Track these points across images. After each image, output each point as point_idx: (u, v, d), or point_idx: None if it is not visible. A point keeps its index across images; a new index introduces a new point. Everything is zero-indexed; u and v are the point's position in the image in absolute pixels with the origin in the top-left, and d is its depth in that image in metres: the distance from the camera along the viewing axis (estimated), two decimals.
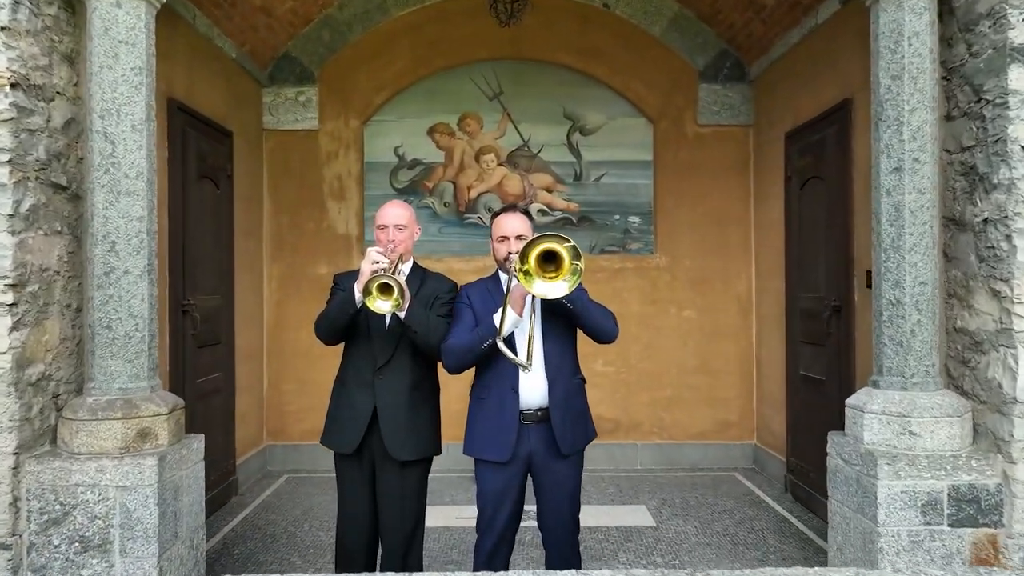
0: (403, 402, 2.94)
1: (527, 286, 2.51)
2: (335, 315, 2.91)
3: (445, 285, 3.06)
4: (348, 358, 3.05)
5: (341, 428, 2.98)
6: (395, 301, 2.65)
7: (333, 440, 3.02)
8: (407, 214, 3.03)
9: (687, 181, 6.03)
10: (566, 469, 2.75)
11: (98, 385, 3.23)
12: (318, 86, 6.00)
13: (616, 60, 6.02)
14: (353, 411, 2.96)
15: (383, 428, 2.91)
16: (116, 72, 3.22)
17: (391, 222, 2.97)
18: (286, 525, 4.63)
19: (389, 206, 3.04)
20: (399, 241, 2.96)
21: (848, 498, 3.33)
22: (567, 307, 2.65)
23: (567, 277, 2.53)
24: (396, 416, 2.92)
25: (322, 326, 2.97)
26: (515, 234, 2.77)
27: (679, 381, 6.03)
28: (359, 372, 2.98)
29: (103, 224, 3.23)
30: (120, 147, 3.23)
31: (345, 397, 3.01)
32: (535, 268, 2.53)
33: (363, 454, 2.99)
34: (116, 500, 3.08)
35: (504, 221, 2.82)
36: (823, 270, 4.68)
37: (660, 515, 4.80)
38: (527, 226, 2.82)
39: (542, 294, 2.52)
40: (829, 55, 4.61)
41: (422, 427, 2.98)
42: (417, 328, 2.81)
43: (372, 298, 2.65)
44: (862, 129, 4.24)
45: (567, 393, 2.75)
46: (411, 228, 3.04)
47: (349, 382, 3.01)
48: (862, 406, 3.30)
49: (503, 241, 2.81)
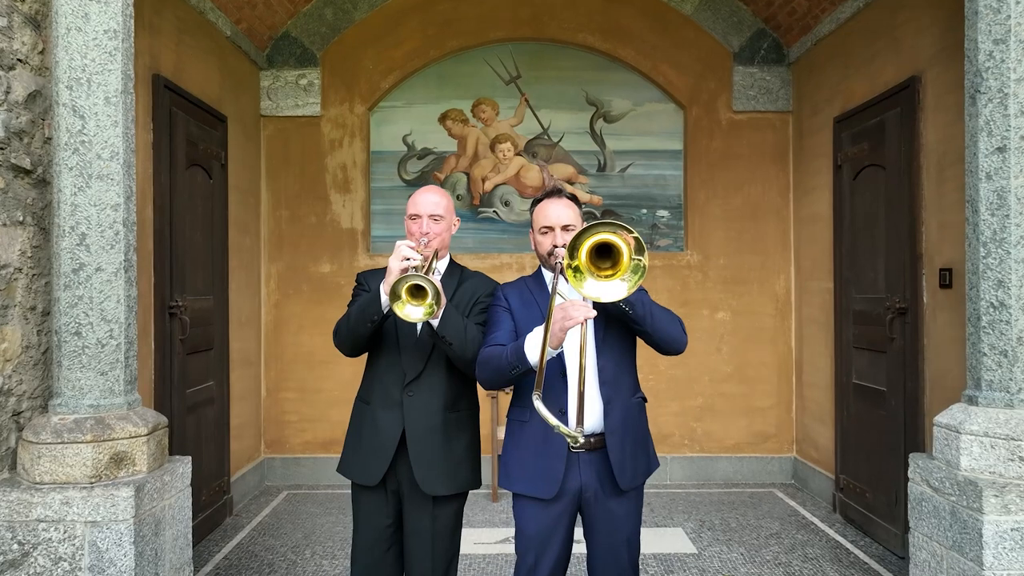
0: (436, 425, 2.46)
1: (576, 286, 2.02)
2: (356, 321, 2.40)
3: (486, 287, 2.58)
4: (372, 372, 2.56)
5: (363, 455, 2.49)
6: (428, 307, 2.16)
7: (353, 469, 2.53)
8: (445, 202, 2.53)
9: (720, 172, 5.56)
10: (624, 507, 2.28)
11: (65, 402, 2.76)
12: (320, 69, 5.53)
13: (644, 41, 5.55)
14: (377, 435, 2.47)
15: (413, 456, 2.43)
16: (86, 35, 2.75)
17: (426, 211, 2.48)
18: (285, 552, 4.16)
19: (424, 192, 2.54)
20: (435, 234, 2.47)
21: (939, 533, 2.85)
22: (625, 312, 2.18)
23: (626, 276, 2.03)
24: (428, 442, 2.44)
25: (342, 334, 2.47)
26: (561, 224, 2.30)
27: (712, 389, 5.57)
28: (385, 389, 2.49)
29: (71, 213, 2.76)
30: (91, 123, 2.76)
31: (368, 419, 2.51)
32: (586, 264, 2.03)
33: (387, 486, 2.50)
34: (85, 538, 2.61)
35: (547, 208, 2.34)
36: (883, 268, 4.21)
37: (700, 540, 4.33)
38: (575, 214, 2.34)
39: (595, 296, 2.03)
40: (891, 29, 4.14)
41: (459, 456, 2.49)
42: (452, 339, 2.33)
43: (401, 303, 2.16)
44: (933, 109, 3.77)
45: (626, 415, 2.28)
46: (449, 219, 2.54)
47: (374, 401, 2.51)
48: (958, 426, 2.83)
49: (547, 232, 2.33)
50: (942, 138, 3.70)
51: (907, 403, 3.95)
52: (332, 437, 5.46)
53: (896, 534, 4.03)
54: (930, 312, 3.81)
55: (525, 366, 2.14)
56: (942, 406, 3.67)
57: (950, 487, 2.81)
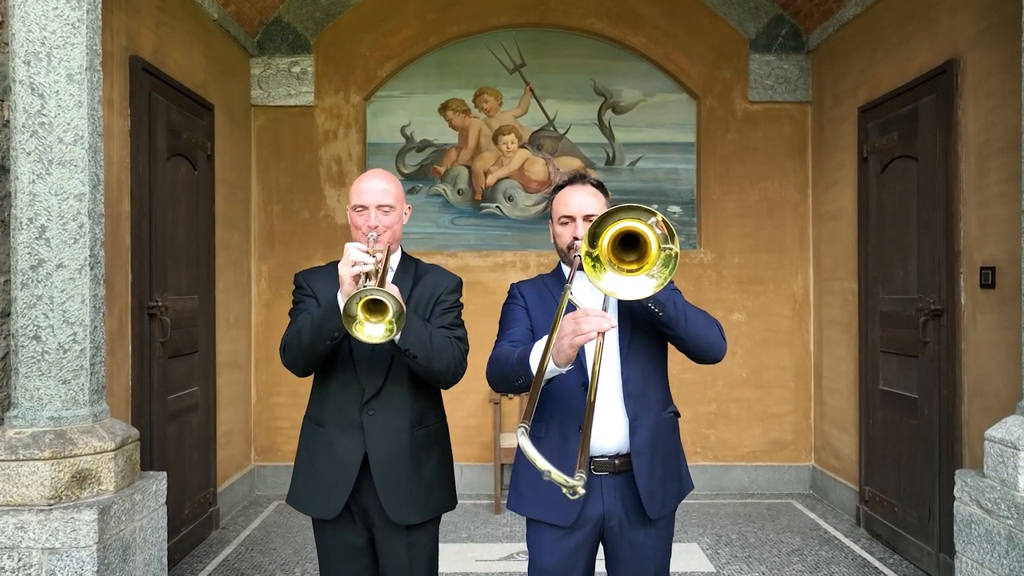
0: (404, 447, 2.13)
1: (595, 278, 1.71)
2: (312, 340, 2.03)
3: (445, 281, 2.24)
4: (324, 389, 2.19)
5: (319, 486, 2.15)
6: (389, 324, 1.83)
7: (306, 502, 2.18)
8: (394, 189, 2.18)
9: (735, 166, 5.27)
10: (653, 538, 1.99)
11: (22, 413, 2.48)
12: (314, 56, 5.24)
13: (655, 27, 5.26)
14: (335, 462, 2.13)
15: (379, 483, 2.10)
16: (46, 3, 2.47)
17: (373, 201, 2.13)
18: (274, 570, 3.87)
19: (368, 178, 2.17)
20: (384, 227, 2.13)
21: (993, 560, 2.58)
22: (655, 314, 1.89)
23: (654, 270, 1.70)
24: (395, 466, 2.12)
25: (292, 353, 2.10)
26: (584, 213, 2.00)
27: (726, 394, 5.28)
28: (341, 409, 2.14)
29: (29, 203, 2.48)
30: (51, 102, 2.48)
31: (322, 443, 2.16)
32: (608, 255, 1.72)
33: (353, 518, 2.17)
34: (42, 567, 2.34)
35: (569, 196, 2.04)
36: (915, 267, 3.93)
37: (718, 557, 4.05)
38: (600, 203, 2.04)
39: (614, 292, 1.73)
40: (925, 9, 3.85)
41: (430, 478, 2.18)
42: (416, 351, 2.00)
43: (359, 323, 1.82)
44: (974, 95, 3.49)
45: (655, 433, 1.99)
46: (399, 208, 2.19)
47: (328, 422, 2.17)
48: (1015, 441, 2.55)
49: (567, 223, 2.03)
50: (984, 126, 3.42)
51: (942, 412, 3.67)
52: None
53: (929, 552, 3.75)
54: (969, 314, 3.53)
55: (530, 379, 1.82)
56: (983, 416, 3.40)
57: (1006, 509, 2.53)
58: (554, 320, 1.74)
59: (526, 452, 1.44)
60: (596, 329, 1.65)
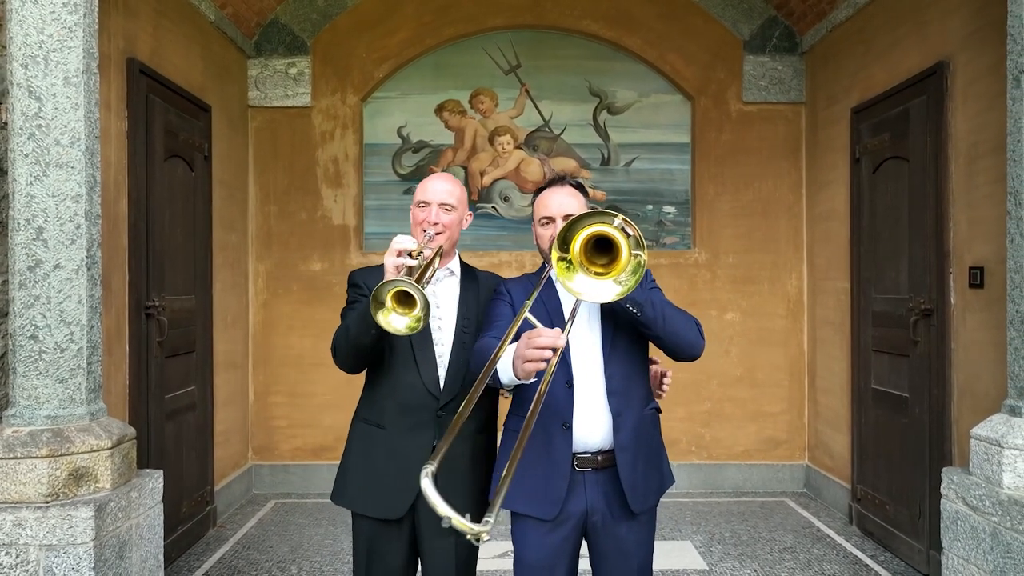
0: (467, 452, 2.14)
1: (566, 278, 1.75)
2: (358, 332, 2.03)
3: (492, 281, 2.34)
4: (388, 388, 2.17)
5: (384, 488, 2.11)
6: (415, 319, 1.83)
7: (368, 502, 2.14)
8: (458, 191, 2.23)
9: (730, 166, 5.31)
10: (636, 533, 2.03)
11: (20, 412, 2.51)
12: (311, 57, 5.28)
13: (650, 29, 5.30)
14: (403, 464, 2.09)
15: (441, 479, 2.12)
16: (43, 7, 2.51)
17: (436, 199, 2.18)
18: (270, 567, 3.91)
19: (436, 178, 2.25)
20: (443, 226, 2.17)
21: (978, 556, 2.61)
22: (633, 315, 1.92)
23: (622, 277, 1.74)
24: (458, 471, 2.12)
25: (342, 351, 2.11)
26: (563, 214, 2.03)
27: (720, 393, 5.32)
28: (410, 410, 2.14)
29: (27, 204, 2.52)
30: (49, 105, 2.52)
31: (384, 445, 2.14)
32: (580, 257, 1.75)
33: (403, 519, 2.15)
34: (39, 564, 2.37)
35: (548, 198, 2.09)
36: (906, 267, 3.96)
37: (710, 554, 4.08)
38: (580, 204, 2.09)
39: (580, 294, 1.76)
40: (916, 12, 3.89)
41: (482, 483, 2.19)
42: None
43: (385, 311, 1.84)
44: (963, 97, 3.53)
45: (638, 429, 2.03)
46: (461, 211, 2.24)
47: (390, 424, 2.15)
48: (1000, 439, 2.59)
49: (547, 224, 2.08)
50: (973, 127, 3.45)
51: (932, 411, 3.71)
52: (323, 443, 5.22)
53: (920, 550, 3.78)
54: (959, 314, 3.56)
55: (497, 383, 1.88)
56: (971, 415, 3.43)
57: (991, 506, 2.57)
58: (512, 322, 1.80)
59: (428, 497, 1.44)
60: (546, 351, 1.68)
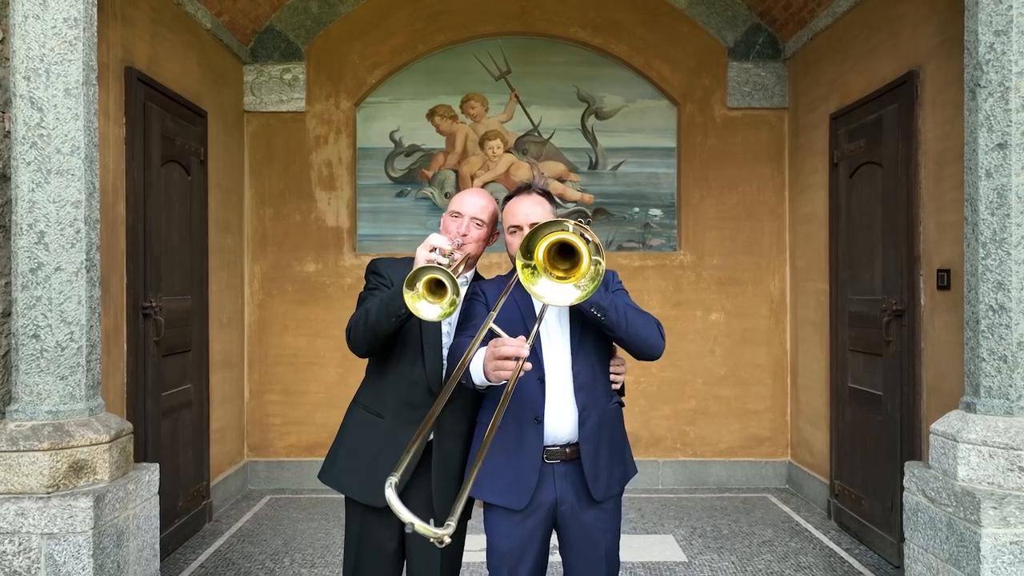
0: (461, 447, 2.24)
1: (530, 282, 1.85)
2: (379, 318, 2.09)
3: None
4: (392, 380, 2.25)
5: (376, 475, 2.13)
6: (446, 308, 1.89)
7: (361, 489, 2.22)
8: (492, 208, 2.32)
9: (714, 170, 5.44)
10: (603, 521, 2.16)
11: (22, 408, 2.64)
12: (305, 63, 5.41)
13: (636, 36, 5.43)
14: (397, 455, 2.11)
15: (435, 477, 2.20)
16: (45, 23, 2.63)
17: (469, 212, 2.26)
18: (264, 559, 4.04)
19: (472, 193, 2.34)
20: (472, 239, 2.25)
21: (936, 545, 2.74)
22: (598, 318, 2.05)
23: (582, 282, 1.84)
24: (452, 463, 2.22)
25: (358, 333, 2.16)
26: (530, 222, 2.14)
27: (705, 392, 5.45)
28: (411, 404, 2.21)
29: (29, 210, 2.64)
30: (50, 115, 2.64)
31: (383, 434, 2.22)
32: (544, 263, 1.85)
33: None
34: (41, 551, 2.50)
35: (516, 207, 2.21)
36: (880, 269, 4.09)
37: (691, 547, 4.21)
38: (546, 211, 2.21)
39: (542, 297, 1.86)
40: (890, 21, 4.01)
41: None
42: None
43: (416, 295, 1.88)
44: (932, 105, 3.66)
45: (601, 423, 2.16)
46: (489, 229, 2.33)
47: (390, 415, 2.23)
48: (955, 434, 2.72)
49: (515, 232, 2.20)
50: (941, 135, 3.58)
51: (903, 408, 3.84)
52: (317, 440, 5.34)
53: (892, 543, 3.91)
54: (928, 315, 3.69)
55: (470, 383, 2.03)
56: (940, 412, 3.55)
57: (947, 498, 2.70)
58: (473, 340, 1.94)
59: (392, 506, 1.54)
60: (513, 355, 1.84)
